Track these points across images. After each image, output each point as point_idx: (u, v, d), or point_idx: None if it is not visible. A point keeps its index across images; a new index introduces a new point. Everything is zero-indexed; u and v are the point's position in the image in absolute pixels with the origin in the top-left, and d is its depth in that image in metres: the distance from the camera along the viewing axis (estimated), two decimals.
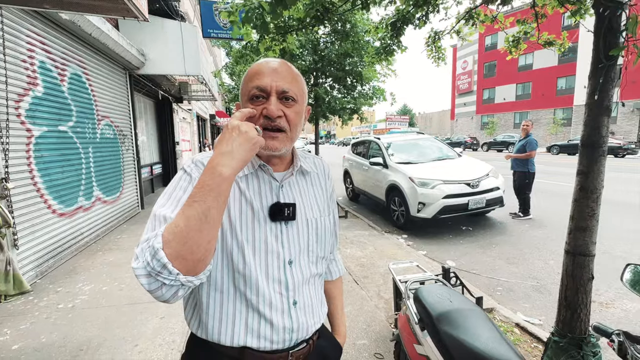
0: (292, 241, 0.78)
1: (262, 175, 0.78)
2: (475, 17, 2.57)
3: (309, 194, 0.85)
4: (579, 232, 1.62)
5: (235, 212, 0.73)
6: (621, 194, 7.06)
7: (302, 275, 0.79)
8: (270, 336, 0.74)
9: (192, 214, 0.56)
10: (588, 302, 1.65)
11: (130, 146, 6.37)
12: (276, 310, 0.74)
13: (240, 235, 0.72)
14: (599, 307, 2.85)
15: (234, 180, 0.72)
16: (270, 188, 0.78)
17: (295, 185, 0.82)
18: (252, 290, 0.72)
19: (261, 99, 0.73)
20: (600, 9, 1.42)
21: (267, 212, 0.75)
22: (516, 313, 2.81)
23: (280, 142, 0.74)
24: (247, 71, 0.77)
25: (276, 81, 0.72)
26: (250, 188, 0.76)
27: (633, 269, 1.01)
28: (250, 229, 0.73)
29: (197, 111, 14.36)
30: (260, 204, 0.75)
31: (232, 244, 0.72)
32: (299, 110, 0.76)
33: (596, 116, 1.51)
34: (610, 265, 3.52)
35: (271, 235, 0.75)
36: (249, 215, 0.74)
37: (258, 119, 0.72)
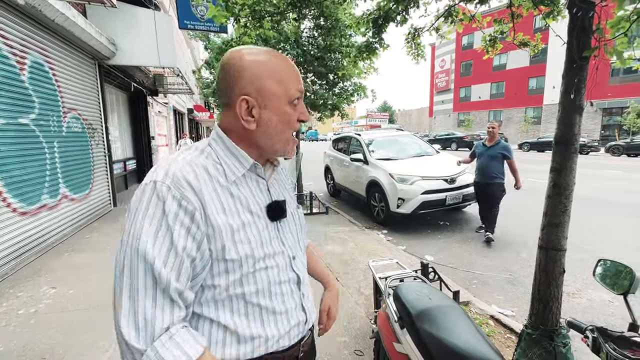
0: (289, 237, 0.78)
1: (250, 175, 0.73)
2: (454, 15, 2.60)
3: (284, 187, 0.84)
4: (552, 227, 1.66)
5: (236, 224, 0.66)
6: (585, 189, 7.46)
7: (303, 266, 0.82)
8: (289, 333, 0.74)
9: None
10: (559, 295, 1.70)
11: (101, 141, 6.05)
12: (292, 308, 0.75)
13: (249, 249, 0.66)
14: (566, 298, 2.99)
15: (224, 187, 0.67)
16: (260, 188, 0.74)
17: (275, 182, 0.80)
18: (266, 297, 0.70)
19: (296, 103, 0.71)
20: (574, 9, 1.45)
21: (265, 213, 0.72)
22: (491, 305, 2.90)
23: None
24: (277, 67, 0.69)
25: (302, 84, 0.72)
26: (242, 191, 0.70)
27: (603, 264, 1.04)
28: (256, 236, 0.68)
29: (174, 105, 13.86)
30: (257, 206, 0.71)
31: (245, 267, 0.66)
32: None
33: (569, 114, 1.55)
34: (576, 257, 3.71)
35: (274, 237, 0.73)
36: (250, 222, 0.68)
37: (295, 124, 0.72)
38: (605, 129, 24.76)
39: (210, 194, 0.63)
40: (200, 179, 0.63)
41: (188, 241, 0.59)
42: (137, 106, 8.88)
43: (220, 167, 0.68)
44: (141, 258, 0.56)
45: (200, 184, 0.62)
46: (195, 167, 0.64)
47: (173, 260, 0.57)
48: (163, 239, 0.57)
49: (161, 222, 0.57)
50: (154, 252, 0.56)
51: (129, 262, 0.56)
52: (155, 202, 0.59)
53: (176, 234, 0.57)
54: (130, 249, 0.57)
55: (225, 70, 0.68)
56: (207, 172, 0.65)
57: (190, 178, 0.62)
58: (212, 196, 0.63)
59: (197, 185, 0.62)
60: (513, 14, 2.27)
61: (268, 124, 0.69)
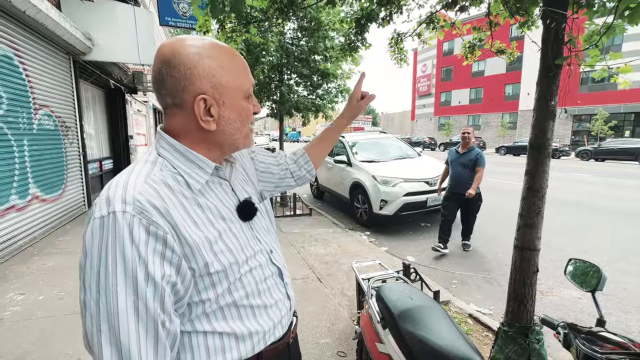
0: (263, 232, 0.77)
1: (212, 180, 0.69)
2: (436, 21, 2.67)
3: (244, 183, 0.81)
4: (527, 228, 1.73)
5: (213, 236, 0.63)
6: (556, 191, 7.81)
7: (280, 255, 0.82)
8: (281, 322, 0.76)
9: None
10: (534, 293, 1.77)
11: (75, 139, 5.80)
12: (280, 299, 0.76)
13: (232, 256, 0.65)
14: (539, 296, 3.11)
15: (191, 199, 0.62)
16: (224, 190, 0.71)
17: (235, 178, 0.78)
18: (255, 297, 0.70)
19: (249, 97, 0.70)
20: (547, 20, 1.53)
21: (236, 215, 0.70)
22: (469, 304, 2.98)
23: None
24: (229, 61, 0.64)
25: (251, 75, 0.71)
26: (209, 199, 0.66)
27: (574, 263, 1.09)
28: (234, 242, 0.66)
29: (154, 103, 13.48)
30: (227, 210, 0.69)
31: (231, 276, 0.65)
32: None
33: (543, 120, 1.63)
34: (548, 256, 3.88)
35: (250, 237, 0.72)
36: (225, 229, 0.65)
37: (251, 117, 0.71)
38: (575, 134, 26.07)
39: (178, 211, 0.58)
40: (164, 197, 0.57)
41: (165, 268, 0.54)
42: (114, 104, 8.57)
43: (181, 178, 0.63)
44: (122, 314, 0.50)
45: (166, 203, 0.56)
46: (154, 184, 0.58)
47: (152, 291, 0.52)
48: (142, 275, 0.51)
49: (131, 256, 0.51)
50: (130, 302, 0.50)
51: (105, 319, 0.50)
52: (120, 235, 0.51)
53: (151, 265, 0.52)
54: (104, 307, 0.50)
55: (171, 66, 0.59)
56: (168, 187, 0.59)
57: (153, 199, 0.55)
58: (180, 213, 0.58)
59: (162, 206, 0.56)
60: (491, 22, 2.36)
61: (229, 122, 0.65)
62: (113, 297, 0.49)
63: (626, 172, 12.05)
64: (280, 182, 0.97)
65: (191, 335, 0.63)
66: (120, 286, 0.50)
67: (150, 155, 0.65)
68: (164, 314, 0.53)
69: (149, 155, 0.64)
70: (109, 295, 0.49)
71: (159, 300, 0.52)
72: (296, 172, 0.99)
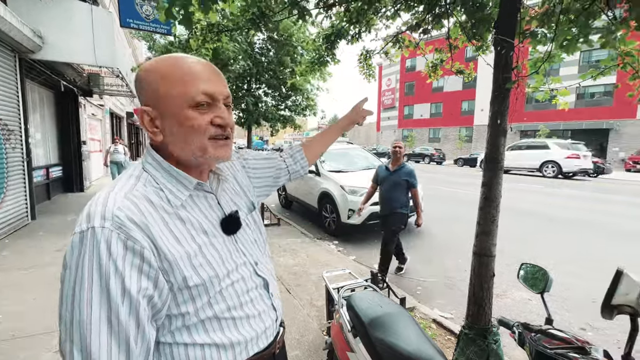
0: (248, 244, 0.77)
1: (196, 194, 0.70)
2: (401, 41, 2.85)
3: (234, 195, 0.81)
4: (484, 235, 1.87)
5: (193, 250, 0.62)
6: (505, 200, 8.46)
7: (267, 267, 0.81)
8: (265, 333, 0.75)
9: None
10: (491, 296, 1.90)
11: (18, 144, 5.28)
12: (264, 310, 0.75)
13: (212, 270, 0.64)
14: (495, 299, 3.32)
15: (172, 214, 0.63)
16: (209, 204, 0.72)
17: (222, 191, 0.78)
18: (237, 309, 0.69)
19: (206, 106, 0.63)
20: (498, 47, 1.69)
21: (219, 229, 0.70)
22: (433, 309, 3.11)
23: (230, 149, 0.70)
24: (168, 70, 0.63)
25: (220, 86, 0.66)
26: (192, 213, 0.66)
27: (525, 267, 1.20)
28: (215, 256, 0.66)
29: (111, 107, 12.69)
30: (210, 224, 0.69)
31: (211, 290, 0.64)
32: None
33: (496, 137, 1.78)
34: (503, 262, 4.18)
35: (234, 250, 0.71)
36: (206, 243, 0.65)
37: (207, 128, 0.64)
38: None
39: (158, 225, 0.59)
40: (144, 212, 0.58)
41: (142, 282, 0.55)
42: (66, 107, 7.96)
43: (163, 194, 0.64)
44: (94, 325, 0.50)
45: (146, 218, 0.58)
46: (135, 199, 0.59)
47: (128, 305, 0.52)
48: (118, 288, 0.52)
49: (107, 270, 0.51)
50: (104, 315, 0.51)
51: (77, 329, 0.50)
52: (97, 250, 0.52)
53: (127, 278, 0.53)
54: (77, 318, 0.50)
55: (135, 86, 0.67)
56: (149, 202, 0.61)
57: (132, 214, 0.56)
58: (160, 228, 0.59)
59: (141, 221, 0.57)
60: (451, 45, 2.56)
61: (171, 133, 0.63)
62: (87, 309, 0.50)
63: (566, 183, 13.37)
64: (275, 181, 0.99)
65: (172, 346, 0.63)
66: (95, 299, 0.51)
67: (135, 170, 0.66)
68: (137, 328, 0.54)
69: (134, 170, 0.66)
70: (82, 307, 0.50)
71: (134, 314, 0.53)
72: (292, 166, 1.03)
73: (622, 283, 0.68)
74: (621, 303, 0.68)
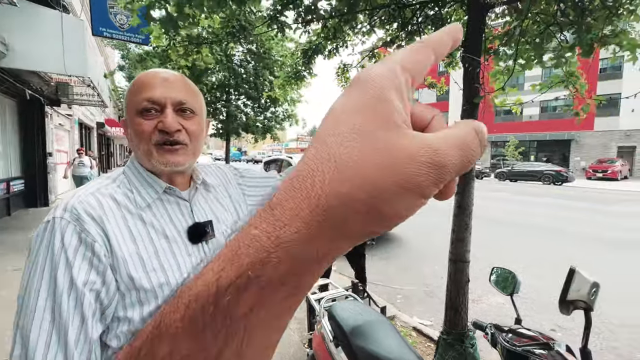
0: None
1: (167, 199, 0.70)
2: (377, 56, 2.97)
3: (218, 207, 0.80)
4: (459, 242, 1.94)
5: (147, 252, 0.62)
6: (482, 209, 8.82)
7: None
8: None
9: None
10: (466, 301, 1.97)
11: None
12: None
13: (164, 276, 0.63)
14: (471, 304, 3.42)
15: (135, 214, 0.64)
16: (181, 210, 0.71)
17: (203, 201, 0.77)
18: None
19: (153, 112, 0.66)
20: (466, 64, 1.81)
21: (185, 236, 0.69)
22: (412, 317, 3.16)
23: (182, 155, 0.69)
24: (131, 83, 0.69)
25: (170, 92, 0.67)
26: (157, 216, 0.67)
27: (496, 271, 1.26)
28: (172, 263, 0.65)
29: (80, 117, 12.17)
30: (175, 230, 0.68)
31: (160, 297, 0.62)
32: (199, 123, 0.72)
33: None
34: (477, 267, 4.32)
35: (197, 261, 0.69)
36: (165, 248, 0.65)
37: (152, 134, 0.65)
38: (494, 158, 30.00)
39: (116, 222, 0.61)
40: (105, 208, 0.61)
41: (91, 275, 0.56)
42: (31, 117, 7.56)
43: (132, 195, 0.66)
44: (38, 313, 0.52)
45: (105, 213, 0.60)
46: (100, 196, 0.62)
47: (74, 297, 0.54)
48: (66, 279, 0.53)
49: (58, 260, 0.54)
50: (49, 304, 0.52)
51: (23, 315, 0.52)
52: (53, 239, 0.55)
53: (76, 270, 0.54)
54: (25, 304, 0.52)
55: None
56: (114, 200, 0.63)
57: (91, 208, 0.59)
58: (119, 225, 0.61)
59: (98, 215, 0.59)
60: None
61: (131, 139, 0.69)
62: (34, 296, 0.52)
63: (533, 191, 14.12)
64: None
65: (117, 352, 0.61)
66: (43, 287, 0.52)
67: (116, 172, 0.70)
68: (81, 321, 0.54)
69: (114, 173, 0.70)
70: (31, 294, 0.52)
71: (79, 307, 0.54)
72: None
73: (575, 280, 0.75)
74: (575, 298, 0.74)
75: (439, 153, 0.17)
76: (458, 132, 0.19)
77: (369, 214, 0.17)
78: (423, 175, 0.17)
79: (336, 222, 0.17)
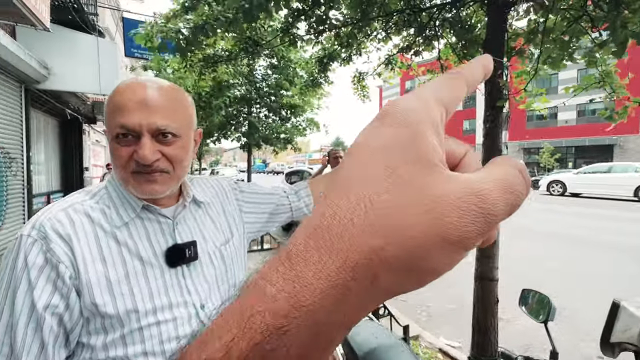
0: (199, 282, 0.66)
1: (147, 217, 0.64)
2: (394, 63, 2.89)
3: (208, 224, 0.73)
4: (485, 258, 1.78)
5: (117, 275, 0.57)
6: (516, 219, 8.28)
7: (218, 312, 0.70)
8: None
9: None
10: (496, 324, 1.79)
11: (19, 171, 5.33)
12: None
13: (131, 302, 0.57)
14: (506, 324, 3.15)
15: (109, 233, 0.59)
16: (162, 229, 0.65)
17: (191, 218, 0.71)
18: (157, 357, 0.59)
19: (130, 138, 0.59)
20: None
21: (163, 259, 0.63)
22: (439, 338, 2.94)
23: (161, 184, 0.62)
24: (108, 98, 0.62)
25: (147, 118, 0.58)
26: (134, 236, 0.62)
27: (527, 294, 1.12)
28: (143, 287, 0.59)
29: None
30: (151, 251, 0.62)
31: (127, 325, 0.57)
32: (183, 145, 0.64)
33: (490, 155, 1.74)
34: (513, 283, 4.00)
35: (173, 285, 0.63)
36: (138, 271, 0.59)
37: (129, 161, 0.59)
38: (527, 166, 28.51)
39: (87, 241, 0.57)
40: (76, 225, 0.57)
41: (54, 297, 0.53)
42: (70, 134, 8.12)
43: (109, 211, 0.62)
44: None
45: (76, 232, 0.57)
46: (72, 213, 0.58)
47: (35, 320, 0.51)
48: (27, 300, 0.51)
49: (20, 279, 0.52)
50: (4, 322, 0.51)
51: None
52: (17, 258, 0.53)
53: (38, 292, 0.52)
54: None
55: None
56: (88, 217, 0.59)
57: (59, 226, 0.56)
58: (89, 244, 0.57)
59: (67, 234, 0.56)
60: (442, 65, 2.59)
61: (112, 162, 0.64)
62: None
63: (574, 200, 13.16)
64: (271, 217, 0.91)
65: None
66: (5, 308, 0.51)
67: (98, 186, 0.66)
68: (40, 347, 0.51)
69: (95, 186, 0.66)
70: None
71: (39, 331, 0.51)
72: (295, 203, 0.95)
73: (620, 317, 0.60)
74: (621, 340, 0.60)
75: (487, 198, 0.15)
76: (500, 172, 0.16)
77: (404, 270, 0.15)
78: (469, 225, 0.14)
79: (366, 282, 0.15)
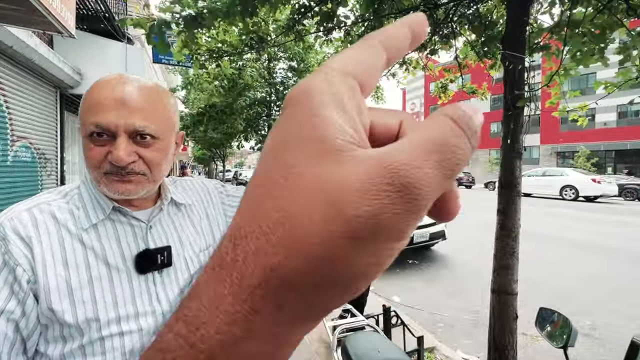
0: (171, 289, 0.62)
1: (118, 219, 0.61)
2: (408, 63, 2.78)
3: (187, 228, 0.69)
4: (503, 270, 1.65)
5: (79, 280, 0.54)
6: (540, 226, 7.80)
7: None
8: None
9: None
10: (514, 341, 1.65)
11: (54, 171, 5.68)
12: None
13: (92, 310, 0.54)
14: (530, 341, 2.93)
15: (75, 235, 0.56)
16: (134, 233, 0.62)
17: (169, 222, 0.67)
18: None
19: (105, 137, 0.56)
20: (507, 63, 1.57)
21: (132, 264, 0.59)
22: (456, 351, 2.78)
23: (137, 185, 0.59)
24: (85, 92, 0.59)
25: (125, 117, 0.55)
26: (102, 239, 0.58)
27: (544, 313, 1.00)
28: (107, 294, 0.55)
29: None
30: (120, 256, 0.58)
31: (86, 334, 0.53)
32: (162, 147, 0.60)
33: (510, 159, 1.61)
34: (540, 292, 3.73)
35: (141, 293, 0.59)
36: (103, 276, 0.56)
37: (102, 163, 0.56)
38: None
39: (49, 244, 0.54)
40: (39, 227, 0.54)
41: (11, 302, 0.50)
42: None
43: (78, 212, 0.59)
44: None
45: (38, 233, 0.54)
46: (37, 212, 0.56)
47: None
48: None
49: None
50: None
51: None
52: None
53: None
54: None
55: None
56: (54, 218, 0.56)
57: (21, 227, 0.53)
58: (51, 246, 0.54)
59: (27, 235, 0.53)
60: (460, 64, 2.46)
61: None
62: None
63: (613, 208, 12.23)
64: None
65: None
66: None
67: (70, 186, 0.64)
68: None
69: (69, 186, 0.64)
70: None
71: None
72: None
73: None
74: None
75: (400, 170, 0.12)
76: (427, 131, 0.13)
77: (312, 286, 0.12)
78: (385, 210, 0.11)
79: (272, 308, 0.12)
